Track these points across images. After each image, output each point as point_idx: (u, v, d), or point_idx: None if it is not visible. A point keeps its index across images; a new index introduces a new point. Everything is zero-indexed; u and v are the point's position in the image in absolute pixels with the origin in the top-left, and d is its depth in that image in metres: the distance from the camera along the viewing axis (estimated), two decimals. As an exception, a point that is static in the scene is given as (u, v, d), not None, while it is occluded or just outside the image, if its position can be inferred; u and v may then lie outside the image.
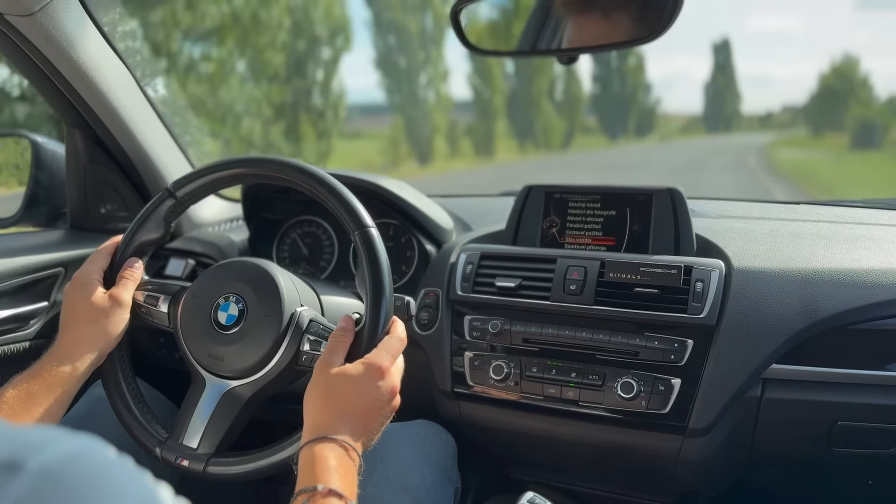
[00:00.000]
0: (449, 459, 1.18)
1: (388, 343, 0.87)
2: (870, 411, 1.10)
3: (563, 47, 1.10)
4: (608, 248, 1.32)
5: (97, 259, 0.99)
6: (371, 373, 0.83)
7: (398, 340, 0.89)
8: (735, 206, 1.60)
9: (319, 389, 0.83)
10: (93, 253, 1.00)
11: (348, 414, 0.81)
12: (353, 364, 0.84)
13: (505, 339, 1.23)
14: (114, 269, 0.99)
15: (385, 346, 0.86)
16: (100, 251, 1.00)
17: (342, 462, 0.75)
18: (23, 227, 1.50)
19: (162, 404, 1.25)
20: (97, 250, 1.00)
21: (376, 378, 0.83)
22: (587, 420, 1.18)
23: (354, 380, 0.82)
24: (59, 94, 1.35)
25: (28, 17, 1.15)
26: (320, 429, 0.79)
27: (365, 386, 0.82)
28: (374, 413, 0.83)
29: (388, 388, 0.84)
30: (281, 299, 0.94)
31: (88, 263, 0.98)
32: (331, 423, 0.79)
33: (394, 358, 0.87)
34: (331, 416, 0.80)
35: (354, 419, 0.81)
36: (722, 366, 1.11)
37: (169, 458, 0.93)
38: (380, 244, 0.90)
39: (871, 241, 1.24)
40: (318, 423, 0.80)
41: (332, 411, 0.80)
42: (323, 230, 1.56)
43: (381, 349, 0.86)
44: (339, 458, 0.76)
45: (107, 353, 0.94)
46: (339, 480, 0.73)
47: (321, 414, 0.81)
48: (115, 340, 0.95)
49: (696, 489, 1.35)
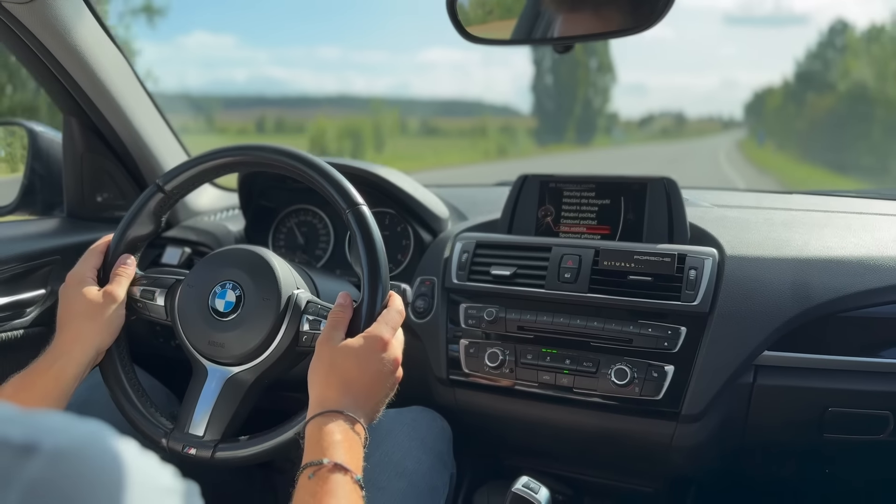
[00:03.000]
0: (444, 445, 1.19)
1: (387, 316, 0.88)
2: (861, 398, 1.12)
3: (558, 36, 1.10)
4: (603, 236, 1.33)
5: (90, 258, 0.99)
6: (373, 345, 0.84)
7: (397, 313, 0.90)
8: (729, 196, 1.62)
9: (323, 365, 0.84)
10: (85, 252, 1.00)
11: (353, 387, 0.81)
12: (355, 338, 0.85)
13: (500, 327, 1.24)
14: (107, 267, 0.99)
15: (384, 319, 0.87)
16: (92, 250, 1.00)
17: (347, 436, 0.76)
18: (19, 215, 1.50)
19: (160, 392, 1.26)
20: (89, 249, 1.00)
21: (379, 350, 0.84)
22: (581, 407, 1.19)
23: (357, 352, 0.83)
24: (56, 83, 1.35)
25: (26, 4, 1.15)
26: (326, 403, 0.80)
27: (368, 358, 0.83)
28: (379, 385, 0.84)
29: (390, 359, 0.85)
30: (277, 283, 0.94)
31: (81, 262, 0.98)
32: (336, 396, 0.80)
33: (394, 330, 0.87)
34: (335, 390, 0.81)
35: (359, 392, 0.81)
36: (715, 353, 1.12)
37: (176, 447, 0.93)
38: (372, 221, 0.91)
39: (863, 229, 1.26)
40: (323, 397, 0.81)
41: (337, 385, 0.81)
42: (319, 219, 1.56)
43: (381, 322, 0.87)
44: (345, 431, 0.76)
45: (104, 349, 0.95)
46: (344, 454, 0.73)
47: (326, 388, 0.81)
48: (112, 337, 0.95)
49: (689, 475, 1.37)
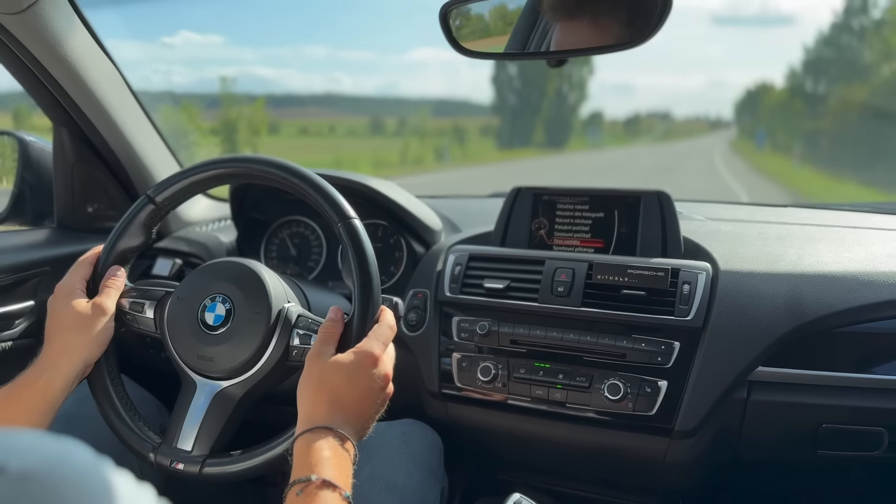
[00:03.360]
0: (435, 459, 1.18)
1: (378, 331, 0.87)
2: (855, 414, 1.11)
3: (552, 50, 1.10)
4: (596, 250, 1.32)
5: (79, 269, 0.98)
6: (363, 361, 0.83)
7: (388, 328, 0.89)
8: (723, 209, 1.61)
9: (312, 380, 0.82)
10: (74, 263, 0.99)
11: (342, 403, 0.80)
12: (345, 353, 0.84)
13: (493, 341, 1.23)
14: (96, 279, 0.98)
15: (375, 334, 0.86)
16: (81, 261, 0.99)
17: (336, 452, 0.75)
18: (9, 225, 1.50)
19: (149, 404, 1.24)
20: (79, 260, 0.99)
21: (369, 366, 0.83)
22: (574, 422, 1.19)
23: (347, 368, 0.82)
24: (46, 93, 1.34)
25: (16, 14, 1.14)
26: (315, 419, 0.79)
27: (358, 374, 0.82)
28: (369, 401, 0.83)
29: (381, 375, 0.84)
30: (268, 296, 0.93)
31: (70, 274, 0.97)
32: (325, 412, 0.79)
33: (385, 345, 0.86)
34: (325, 406, 0.80)
35: (348, 408, 0.80)
36: (708, 368, 1.11)
37: (164, 462, 0.92)
38: (364, 235, 0.90)
39: (858, 244, 1.25)
40: (312, 413, 0.80)
41: (326, 401, 0.80)
42: (311, 230, 1.56)
43: (372, 337, 0.86)
44: (334, 448, 0.75)
45: (92, 361, 0.93)
46: (333, 471, 0.72)
47: (315, 404, 0.80)
48: (101, 349, 0.94)
49: (682, 490, 1.36)
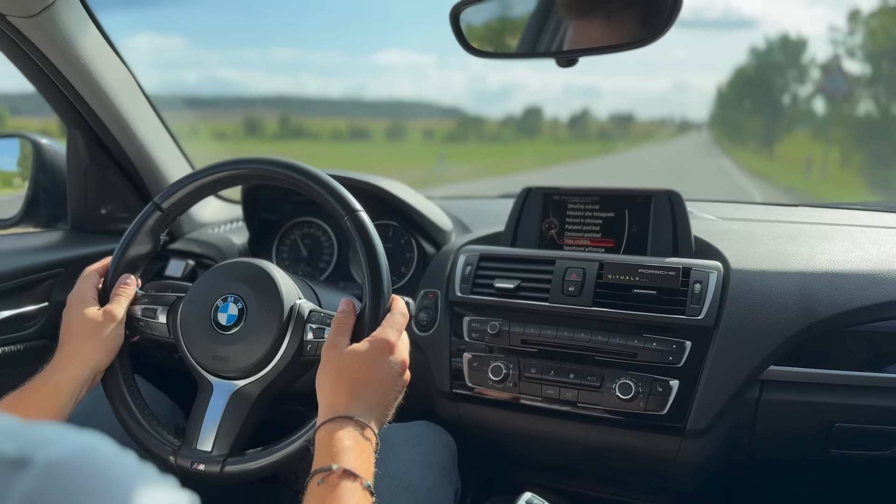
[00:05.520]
0: (449, 460, 1.18)
1: (391, 319, 0.88)
2: (867, 413, 1.11)
3: (564, 49, 1.10)
4: (607, 249, 1.32)
5: (90, 277, 0.99)
6: (379, 348, 0.84)
7: (401, 315, 0.89)
8: (734, 209, 1.61)
9: (331, 370, 0.83)
10: (85, 272, 1.00)
11: (362, 391, 0.81)
12: (361, 343, 0.84)
13: (504, 340, 1.24)
14: (107, 287, 0.99)
15: (389, 322, 0.87)
16: (92, 269, 1.00)
17: (357, 441, 0.76)
18: (24, 227, 1.51)
19: (164, 404, 1.25)
20: (89, 269, 1.00)
21: (385, 353, 0.84)
22: (585, 421, 1.19)
23: (364, 356, 0.83)
24: (60, 95, 1.35)
25: (30, 18, 1.15)
26: (336, 408, 0.79)
27: (375, 362, 0.83)
28: (387, 388, 0.83)
29: (398, 361, 0.84)
30: (280, 293, 0.94)
31: (81, 282, 0.98)
32: (345, 402, 0.80)
33: (399, 332, 0.87)
34: (345, 396, 0.80)
35: (368, 396, 0.81)
36: (720, 367, 1.11)
37: (185, 464, 0.92)
38: (370, 226, 0.91)
39: (869, 243, 1.25)
40: (333, 402, 0.80)
41: (346, 390, 0.81)
42: (322, 231, 1.56)
43: (386, 325, 0.87)
44: (355, 437, 0.76)
45: (102, 368, 0.94)
46: (354, 460, 0.73)
47: (335, 393, 0.81)
48: (110, 355, 0.95)
49: (694, 490, 1.36)
